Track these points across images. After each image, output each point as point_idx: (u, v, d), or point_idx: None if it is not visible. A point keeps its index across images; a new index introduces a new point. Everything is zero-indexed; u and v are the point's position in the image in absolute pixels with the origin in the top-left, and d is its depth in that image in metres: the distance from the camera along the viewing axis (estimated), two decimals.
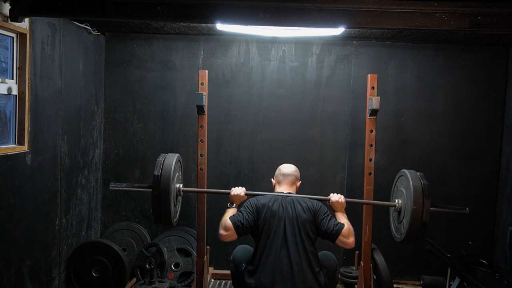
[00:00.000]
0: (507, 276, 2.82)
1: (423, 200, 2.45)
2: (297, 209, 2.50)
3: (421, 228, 2.47)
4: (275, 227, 2.45)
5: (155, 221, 2.58)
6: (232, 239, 2.46)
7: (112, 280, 3.34)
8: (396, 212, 2.74)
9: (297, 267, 2.38)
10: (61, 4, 2.41)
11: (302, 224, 2.46)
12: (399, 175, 2.78)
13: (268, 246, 2.44)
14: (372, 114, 3.10)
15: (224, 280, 3.66)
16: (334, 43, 3.77)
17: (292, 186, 2.72)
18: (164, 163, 2.51)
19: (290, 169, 2.76)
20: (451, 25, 2.33)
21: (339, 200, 2.62)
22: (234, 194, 2.65)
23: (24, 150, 2.68)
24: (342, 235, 2.43)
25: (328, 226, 2.45)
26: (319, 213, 2.51)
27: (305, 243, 2.43)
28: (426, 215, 2.45)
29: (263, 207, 2.51)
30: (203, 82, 3.09)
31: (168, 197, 2.46)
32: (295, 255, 2.40)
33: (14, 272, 2.62)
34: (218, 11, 2.39)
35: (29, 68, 2.68)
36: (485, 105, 3.76)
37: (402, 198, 2.67)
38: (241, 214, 2.49)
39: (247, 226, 2.45)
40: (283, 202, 2.53)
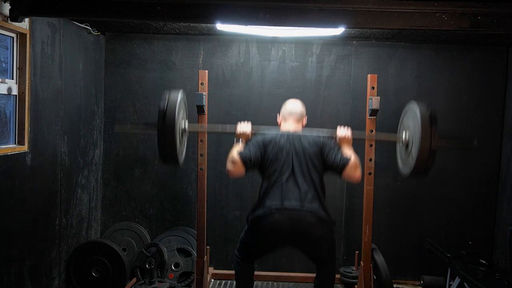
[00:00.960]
0: (507, 276, 2.82)
1: (431, 127, 2.38)
2: (303, 143, 2.51)
3: (430, 156, 2.39)
4: (283, 162, 2.47)
5: (161, 158, 2.52)
6: (239, 174, 2.46)
7: (112, 280, 3.34)
8: (404, 146, 2.67)
9: (305, 195, 2.41)
10: (61, 4, 2.42)
11: (309, 158, 2.48)
12: (405, 111, 2.72)
13: (275, 179, 2.46)
14: (372, 114, 3.10)
15: (224, 280, 3.66)
16: (334, 43, 3.77)
17: (298, 122, 2.70)
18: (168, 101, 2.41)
19: (295, 106, 2.74)
20: (451, 25, 2.33)
21: (346, 135, 2.60)
22: (240, 131, 2.63)
23: (24, 150, 2.68)
24: (348, 168, 2.43)
25: (335, 160, 2.46)
26: (326, 146, 2.53)
27: (312, 176, 2.46)
28: (435, 142, 2.38)
29: (270, 142, 2.52)
30: (203, 82, 3.09)
31: (173, 133, 2.38)
32: (303, 186, 2.43)
33: (14, 272, 2.62)
34: (218, 11, 2.39)
35: (29, 68, 2.68)
36: (485, 105, 3.76)
37: (409, 130, 2.61)
38: (249, 149, 2.49)
39: (254, 161, 2.46)
40: (290, 137, 2.54)
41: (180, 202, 3.88)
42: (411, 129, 2.57)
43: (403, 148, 2.69)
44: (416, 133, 2.45)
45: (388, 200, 3.82)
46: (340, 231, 3.84)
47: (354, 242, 3.76)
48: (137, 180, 3.87)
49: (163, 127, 2.38)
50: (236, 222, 3.85)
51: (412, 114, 2.55)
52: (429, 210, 3.81)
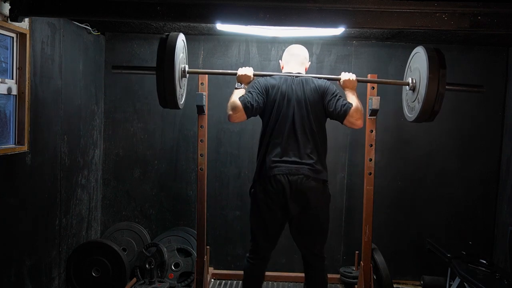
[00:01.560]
0: (507, 276, 2.81)
1: (439, 69, 2.35)
2: (305, 91, 2.48)
3: (437, 100, 2.35)
4: (284, 109, 2.45)
5: (161, 103, 2.49)
6: (240, 120, 2.45)
7: (112, 280, 3.34)
8: (411, 90, 2.63)
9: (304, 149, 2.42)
10: (61, 4, 2.41)
11: (311, 106, 2.46)
12: (413, 54, 2.67)
13: (276, 128, 2.45)
14: (372, 114, 3.10)
15: (224, 280, 3.66)
16: (334, 43, 3.77)
17: (301, 66, 2.67)
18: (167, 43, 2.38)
19: (299, 48, 2.69)
20: (451, 25, 2.33)
21: (350, 78, 2.56)
22: (241, 74, 2.59)
23: (24, 150, 2.68)
24: (350, 115, 2.40)
25: (336, 107, 2.43)
26: (328, 92, 2.49)
27: (312, 125, 2.45)
28: (443, 84, 2.34)
29: (272, 87, 2.49)
30: (203, 82, 3.09)
31: (173, 76, 2.35)
32: (302, 137, 2.43)
33: (14, 272, 2.62)
34: (218, 11, 2.39)
35: (29, 68, 2.68)
36: (485, 105, 3.75)
37: (416, 73, 2.56)
38: (250, 94, 2.46)
39: (256, 107, 2.44)
40: (293, 83, 2.50)
41: (180, 202, 3.88)
42: (418, 72, 2.52)
43: (410, 93, 2.63)
44: (424, 75, 2.39)
45: (388, 200, 3.81)
46: (340, 231, 3.84)
47: (354, 242, 3.76)
48: (137, 180, 3.87)
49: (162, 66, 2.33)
50: (236, 222, 3.85)
51: (420, 57, 2.50)
52: (429, 210, 3.81)
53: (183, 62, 2.64)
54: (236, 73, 2.62)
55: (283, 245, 3.57)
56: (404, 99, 2.81)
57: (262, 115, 2.55)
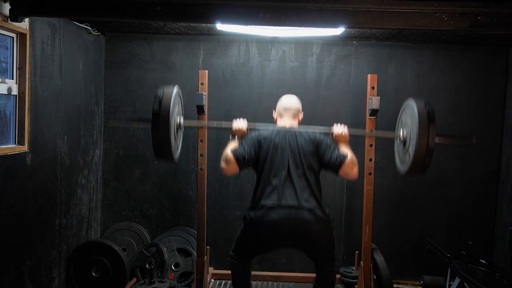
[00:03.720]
0: (507, 276, 2.82)
1: (429, 125, 2.35)
2: (299, 142, 2.48)
3: (427, 154, 2.36)
4: (278, 159, 2.44)
5: (156, 156, 2.48)
6: (233, 172, 2.44)
7: (112, 280, 3.34)
8: (401, 143, 2.65)
9: (301, 194, 2.37)
10: (61, 4, 2.42)
11: (305, 156, 2.44)
12: (403, 108, 2.69)
13: (271, 178, 2.42)
14: (372, 114, 3.10)
15: (224, 280, 3.66)
16: (334, 43, 3.77)
17: (294, 118, 2.67)
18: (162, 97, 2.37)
19: (291, 101, 2.70)
20: (451, 25, 2.33)
21: (343, 133, 2.57)
22: (236, 127, 2.61)
23: (24, 150, 2.68)
24: (345, 166, 2.39)
25: (331, 157, 2.43)
26: (322, 144, 2.49)
27: (307, 175, 2.42)
28: (432, 139, 2.35)
29: (265, 140, 2.49)
30: (203, 82, 3.09)
31: (168, 130, 2.35)
32: (299, 185, 2.39)
33: (14, 272, 2.62)
34: (218, 11, 2.39)
35: (29, 68, 2.68)
36: (485, 105, 3.76)
37: (407, 127, 2.58)
38: (243, 146, 2.46)
39: (248, 158, 2.43)
40: (286, 135, 2.50)
41: (180, 202, 3.88)
42: (408, 126, 2.54)
43: (401, 146, 2.66)
44: (414, 130, 2.42)
45: (388, 200, 3.81)
46: (340, 231, 3.84)
47: (354, 242, 3.76)
48: (137, 180, 3.87)
49: (157, 121, 2.33)
50: (236, 222, 3.85)
51: (410, 111, 2.52)
52: (429, 210, 3.81)
53: (179, 114, 2.66)
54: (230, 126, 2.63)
55: None
56: (396, 150, 2.81)
57: (255, 166, 2.53)
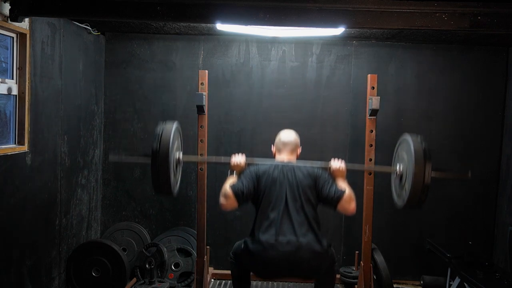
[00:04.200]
0: (507, 276, 2.82)
1: (425, 162, 2.39)
2: (297, 176, 2.49)
3: (423, 190, 2.41)
4: (276, 194, 2.45)
5: (155, 191, 2.52)
6: (232, 208, 2.44)
7: (112, 280, 3.34)
8: (398, 178, 2.67)
9: (299, 229, 2.38)
10: (61, 4, 2.42)
11: (303, 190, 2.45)
12: (399, 142, 2.73)
13: (269, 212, 2.43)
14: (372, 114, 3.10)
15: (224, 280, 3.66)
16: (334, 43, 3.77)
17: (292, 153, 2.69)
18: (162, 133, 2.43)
19: (290, 137, 2.72)
20: (451, 25, 2.33)
21: (340, 168, 2.58)
22: (234, 163, 2.62)
23: (24, 150, 2.68)
24: (343, 201, 2.41)
25: (329, 192, 2.44)
26: (320, 179, 2.50)
27: (305, 209, 2.43)
28: (428, 177, 2.39)
29: (263, 174, 2.50)
30: (203, 82, 3.09)
31: (167, 166, 2.39)
32: (296, 219, 2.40)
33: (14, 272, 2.62)
34: (218, 11, 2.39)
35: (29, 68, 2.68)
36: (485, 105, 3.76)
37: (403, 162, 2.62)
38: (241, 181, 2.48)
39: (247, 193, 2.44)
40: (284, 169, 2.51)
41: (180, 202, 3.88)
42: (405, 162, 2.59)
43: (398, 180, 2.71)
44: (410, 167, 2.47)
45: (388, 200, 3.79)
46: (340, 231, 3.84)
47: (354, 242, 3.75)
48: (137, 180, 3.87)
49: (156, 160, 2.39)
50: (236, 222, 3.85)
51: (406, 146, 2.57)
52: (429, 210, 3.80)
53: (179, 149, 2.69)
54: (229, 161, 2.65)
55: None
56: (393, 184, 2.84)
57: (254, 201, 2.54)
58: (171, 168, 2.45)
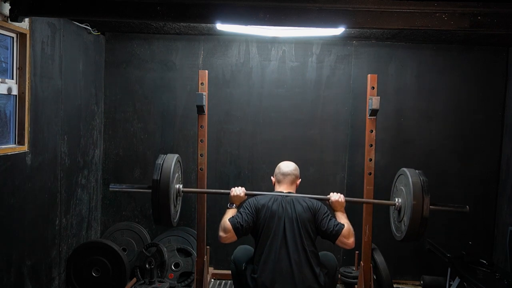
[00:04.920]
0: (507, 276, 2.81)
1: (423, 196, 2.44)
2: (297, 209, 2.50)
3: (422, 224, 2.45)
4: (275, 227, 2.45)
5: (155, 222, 2.60)
6: (231, 241, 2.46)
7: (112, 280, 3.34)
8: (396, 211, 2.73)
9: (296, 267, 2.38)
10: (61, 4, 2.42)
11: (302, 224, 2.46)
12: (398, 175, 2.78)
13: (268, 246, 2.44)
14: (372, 114, 3.10)
15: (224, 280, 3.66)
16: (334, 43, 3.77)
17: (292, 185, 2.71)
18: (163, 166, 2.50)
19: (289, 168, 2.74)
20: (451, 25, 2.33)
21: (339, 200, 2.61)
22: (234, 195, 2.65)
23: (24, 150, 2.68)
24: (342, 236, 2.43)
25: (328, 227, 2.45)
26: (319, 213, 2.51)
27: (304, 243, 2.43)
28: (427, 211, 2.43)
29: (262, 207, 2.51)
30: (203, 82, 3.09)
31: (167, 199, 2.46)
32: (294, 255, 2.40)
33: (14, 272, 2.62)
34: (218, 11, 2.39)
35: (29, 68, 2.68)
36: (485, 105, 3.76)
37: (402, 196, 2.67)
38: (240, 215, 2.49)
39: (246, 227, 2.45)
40: (283, 202, 2.53)
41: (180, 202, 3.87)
42: (403, 196, 2.62)
43: (396, 213, 2.74)
44: (408, 201, 2.50)
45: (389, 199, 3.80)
46: None
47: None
48: (137, 180, 3.87)
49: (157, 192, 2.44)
50: None
51: (405, 180, 2.60)
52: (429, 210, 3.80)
53: (178, 181, 2.74)
54: (228, 193, 2.67)
55: None
56: (392, 217, 2.87)
57: (253, 234, 2.55)
58: (171, 200, 2.51)
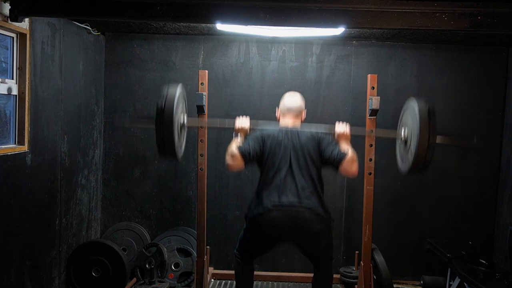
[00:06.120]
0: (507, 276, 2.82)
1: (430, 122, 2.38)
2: (301, 139, 2.53)
3: (429, 150, 2.38)
4: (281, 156, 2.49)
5: (160, 154, 2.53)
6: (239, 168, 2.47)
7: (112, 280, 3.34)
8: (403, 142, 2.67)
9: (302, 191, 2.42)
10: (61, 4, 2.41)
11: (307, 153, 2.49)
12: (404, 109, 2.72)
13: (273, 175, 2.47)
14: (372, 114, 3.10)
15: (224, 280, 3.66)
16: (334, 43, 3.77)
17: (297, 117, 2.71)
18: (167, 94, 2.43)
19: (294, 101, 2.73)
20: (451, 25, 2.33)
21: (344, 131, 2.60)
22: (239, 126, 2.64)
23: (24, 150, 2.68)
24: (345, 163, 2.43)
25: (332, 154, 2.47)
26: (323, 141, 2.55)
27: (310, 171, 2.47)
28: (434, 137, 2.37)
29: (268, 136, 2.54)
30: (203, 82, 3.09)
31: (171, 126, 2.39)
32: (300, 181, 2.44)
33: (14, 272, 2.62)
34: (218, 11, 2.39)
35: (29, 68, 2.68)
36: (485, 105, 3.76)
37: (408, 126, 2.61)
38: (248, 143, 2.51)
39: (253, 155, 2.47)
40: (288, 133, 2.55)
41: (180, 202, 3.88)
42: (410, 126, 2.57)
43: (402, 145, 2.69)
44: (415, 128, 2.44)
45: (388, 200, 3.81)
46: (340, 231, 3.84)
47: (354, 242, 3.76)
48: (137, 180, 3.87)
49: (161, 121, 2.37)
50: (236, 222, 3.85)
51: (411, 110, 2.55)
52: (429, 210, 3.81)
53: (183, 113, 2.68)
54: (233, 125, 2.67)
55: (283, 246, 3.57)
56: (397, 150, 2.84)
57: (259, 163, 2.57)
58: (175, 131, 2.44)
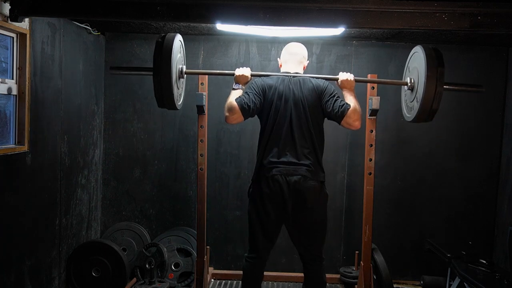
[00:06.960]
0: (507, 276, 2.82)
1: (437, 66, 2.35)
2: (303, 91, 2.48)
3: (436, 97, 2.35)
4: (282, 110, 2.45)
5: (159, 104, 2.50)
6: (238, 122, 2.45)
7: (112, 280, 3.34)
8: (409, 90, 2.63)
9: (301, 149, 2.43)
10: (61, 4, 2.41)
11: (308, 106, 2.46)
12: (410, 55, 2.68)
13: (274, 129, 2.46)
14: (372, 114, 3.10)
15: (224, 280, 3.66)
16: (334, 43, 3.77)
17: (299, 65, 2.65)
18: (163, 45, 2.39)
19: (297, 47, 2.68)
20: (451, 25, 2.33)
21: (348, 78, 2.56)
22: (239, 75, 2.59)
23: (24, 150, 2.68)
24: (347, 116, 2.41)
25: (334, 107, 2.43)
26: (326, 93, 2.49)
27: (310, 128, 2.45)
28: (441, 83, 2.35)
29: (269, 88, 2.49)
30: (203, 82, 3.09)
31: (169, 78, 2.35)
32: (300, 139, 2.44)
33: (14, 272, 2.62)
34: (218, 11, 2.39)
35: (29, 68, 2.68)
36: (485, 105, 3.75)
37: (414, 73, 2.56)
38: (247, 95, 2.46)
39: (253, 108, 2.44)
40: (290, 83, 2.50)
41: (180, 202, 3.88)
42: (416, 72, 2.52)
43: (409, 92, 2.64)
44: (422, 74, 2.40)
45: (388, 200, 3.81)
46: (340, 231, 3.84)
47: (354, 242, 3.76)
48: (137, 180, 3.87)
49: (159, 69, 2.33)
50: (236, 222, 3.85)
51: (417, 56, 2.50)
52: (429, 210, 3.81)
53: (181, 62, 2.65)
54: (233, 74, 2.62)
55: (283, 245, 3.58)
56: (403, 99, 2.82)
57: (259, 116, 2.55)
58: (173, 81, 2.40)
